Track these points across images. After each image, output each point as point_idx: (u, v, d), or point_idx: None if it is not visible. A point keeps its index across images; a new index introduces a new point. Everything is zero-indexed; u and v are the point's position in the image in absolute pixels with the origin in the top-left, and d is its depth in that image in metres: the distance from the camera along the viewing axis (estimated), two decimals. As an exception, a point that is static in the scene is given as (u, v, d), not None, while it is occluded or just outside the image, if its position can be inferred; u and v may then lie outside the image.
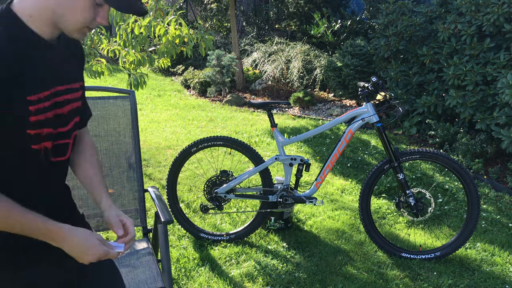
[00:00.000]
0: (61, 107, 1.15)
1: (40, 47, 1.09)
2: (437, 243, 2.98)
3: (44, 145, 1.13)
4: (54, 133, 1.14)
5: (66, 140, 1.20)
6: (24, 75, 1.04)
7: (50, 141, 1.14)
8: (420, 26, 4.99)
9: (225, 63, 7.21)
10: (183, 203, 3.49)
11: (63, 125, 1.17)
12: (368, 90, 2.75)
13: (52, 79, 1.12)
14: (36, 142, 1.10)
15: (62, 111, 1.16)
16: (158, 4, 3.66)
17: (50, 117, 1.11)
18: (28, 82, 1.05)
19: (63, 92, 1.16)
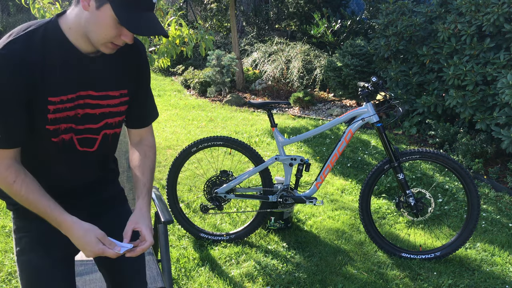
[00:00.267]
0: (89, 108, 1.30)
1: (72, 56, 1.22)
2: (437, 243, 2.98)
3: (62, 137, 1.28)
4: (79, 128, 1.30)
5: (93, 135, 1.35)
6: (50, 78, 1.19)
7: (71, 133, 1.29)
8: (420, 26, 4.99)
9: (225, 63, 7.22)
10: (183, 203, 3.49)
11: (93, 123, 1.32)
12: (368, 90, 2.75)
13: (80, 85, 1.26)
14: (54, 135, 1.26)
15: (92, 112, 1.31)
16: (158, 4, 3.65)
17: (71, 115, 1.27)
18: (52, 85, 1.20)
19: (96, 97, 1.30)
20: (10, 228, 3.06)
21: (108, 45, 1.21)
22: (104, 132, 1.37)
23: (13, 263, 2.64)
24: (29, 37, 1.17)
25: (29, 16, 14.04)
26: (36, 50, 1.17)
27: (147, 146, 1.52)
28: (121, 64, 1.34)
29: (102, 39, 1.19)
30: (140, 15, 1.15)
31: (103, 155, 1.45)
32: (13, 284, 2.46)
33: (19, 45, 1.15)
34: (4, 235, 2.97)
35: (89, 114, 1.31)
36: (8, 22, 13.78)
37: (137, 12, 1.15)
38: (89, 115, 1.31)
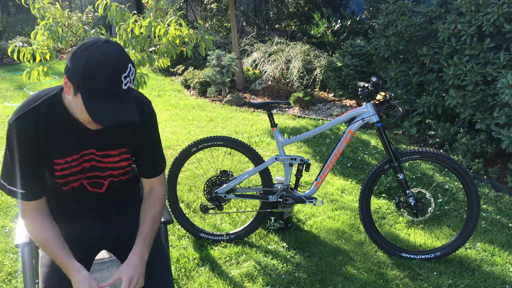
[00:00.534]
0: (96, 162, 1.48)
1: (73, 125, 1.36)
2: (437, 243, 2.98)
3: (72, 185, 1.48)
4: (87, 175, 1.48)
5: (101, 180, 1.52)
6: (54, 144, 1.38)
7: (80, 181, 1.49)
8: (420, 26, 4.99)
9: (225, 63, 7.21)
10: (183, 203, 3.49)
11: (100, 171, 1.50)
12: (368, 90, 2.75)
13: (82, 147, 1.43)
14: (64, 186, 1.46)
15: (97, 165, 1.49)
16: (158, 4, 3.66)
17: (79, 170, 1.46)
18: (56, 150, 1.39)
19: (98, 155, 1.47)
20: (10, 228, 3.06)
21: (90, 125, 1.34)
22: (110, 179, 1.54)
23: (13, 263, 2.65)
24: (36, 113, 1.35)
25: (29, 16, 14.04)
26: (41, 123, 1.35)
27: (155, 197, 1.62)
28: (122, 128, 1.40)
29: (83, 120, 1.32)
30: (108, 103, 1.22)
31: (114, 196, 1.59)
32: (13, 284, 2.46)
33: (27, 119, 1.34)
34: (4, 235, 2.97)
35: (95, 165, 1.49)
36: (8, 22, 13.79)
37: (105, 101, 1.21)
38: (95, 166, 1.49)
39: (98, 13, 9.38)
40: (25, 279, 1.74)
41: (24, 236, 1.77)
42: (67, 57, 12.65)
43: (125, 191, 1.65)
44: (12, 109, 6.42)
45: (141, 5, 11.00)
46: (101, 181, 1.52)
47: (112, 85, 1.22)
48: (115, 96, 1.23)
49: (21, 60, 3.56)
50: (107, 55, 1.21)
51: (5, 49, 10.69)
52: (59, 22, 3.67)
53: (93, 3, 13.56)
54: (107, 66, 1.20)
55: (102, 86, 1.21)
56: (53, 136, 1.38)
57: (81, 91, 1.23)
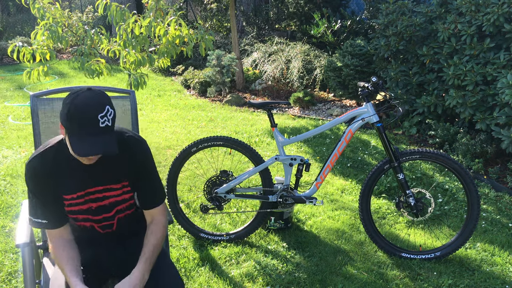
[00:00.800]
0: (99, 201, 1.66)
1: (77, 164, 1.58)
2: (437, 243, 2.98)
3: (83, 224, 1.68)
4: (96, 218, 1.67)
5: (110, 221, 1.70)
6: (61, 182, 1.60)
7: (90, 222, 1.68)
8: (420, 26, 4.99)
9: (225, 63, 7.21)
10: (183, 203, 3.49)
11: (107, 212, 1.68)
12: (368, 90, 2.75)
13: (86, 184, 1.62)
14: (76, 221, 1.67)
15: (102, 204, 1.66)
16: (158, 4, 3.66)
17: (84, 208, 1.64)
18: (63, 186, 1.60)
19: (101, 191, 1.65)
20: (10, 228, 3.06)
21: (83, 159, 1.55)
22: (118, 217, 1.71)
23: (13, 263, 2.65)
24: (44, 156, 1.60)
25: (29, 16, 14.03)
26: (48, 164, 1.59)
27: (156, 225, 1.75)
28: (120, 163, 1.65)
29: (75, 155, 1.50)
30: (86, 140, 1.45)
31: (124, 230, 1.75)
32: (13, 284, 2.47)
33: (36, 164, 1.59)
34: (4, 235, 2.97)
35: (101, 206, 1.66)
36: (8, 22, 13.78)
37: (85, 137, 1.45)
38: (101, 207, 1.67)
39: (98, 13, 9.38)
40: (25, 279, 1.74)
41: (24, 236, 1.77)
42: (67, 57, 12.62)
43: (136, 224, 1.80)
44: (12, 109, 6.42)
45: (141, 5, 11.00)
46: (110, 222, 1.71)
47: (90, 124, 1.44)
48: (93, 133, 1.45)
49: (21, 60, 3.55)
50: (86, 99, 1.45)
51: (5, 49, 10.69)
52: (59, 22, 3.67)
53: (93, 3, 13.55)
54: (84, 109, 1.44)
55: (82, 125, 1.44)
56: (60, 174, 1.60)
57: (67, 131, 1.48)
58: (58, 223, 1.64)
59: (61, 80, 8.71)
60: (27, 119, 5.89)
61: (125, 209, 1.72)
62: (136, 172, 1.69)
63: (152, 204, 1.75)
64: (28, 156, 4.44)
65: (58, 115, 2.21)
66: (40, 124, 2.16)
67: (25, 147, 4.72)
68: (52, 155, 1.60)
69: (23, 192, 3.64)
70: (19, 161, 4.30)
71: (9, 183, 3.79)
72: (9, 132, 5.26)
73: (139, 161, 1.69)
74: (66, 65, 10.46)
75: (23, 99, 7.15)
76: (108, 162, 1.62)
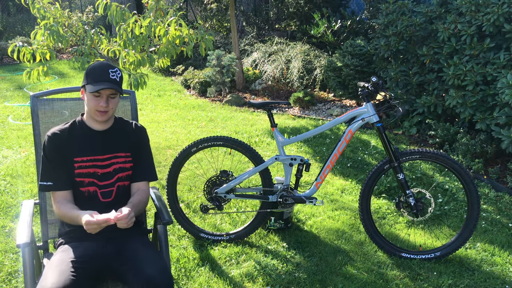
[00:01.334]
0: (105, 168, 1.92)
1: (88, 132, 1.93)
2: (437, 243, 2.98)
3: (87, 189, 1.90)
4: (98, 184, 1.90)
5: (110, 188, 1.93)
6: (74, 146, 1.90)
7: (95, 187, 1.90)
8: (420, 26, 4.99)
9: (225, 63, 7.21)
10: (183, 203, 3.49)
11: (109, 178, 1.92)
12: (368, 90, 2.75)
13: (96, 151, 1.91)
14: (82, 186, 1.89)
15: (107, 170, 1.92)
16: (158, 4, 3.66)
17: (91, 172, 1.89)
18: (75, 151, 1.89)
19: (108, 158, 1.93)
20: (10, 228, 3.07)
21: (97, 113, 1.88)
22: (118, 184, 1.94)
23: (13, 263, 2.65)
24: (62, 126, 1.94)
25: (29, 16, 14.03)
26: (65, 132, 1.92)
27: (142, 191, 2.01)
28: (126, 139, 2.00)
29: (91, 110, 1.89)
30: (99, 84, 1.84)
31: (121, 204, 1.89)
32: (13, 284, 2.47)
33: (56, 130, 1.92)
34: (4, 235, 2.97)
35: (105, 173, 1.91)
36: (8, 22, 13.78)
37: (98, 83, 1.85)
38: (106, 173, 1.92)
39: (98, 13, 9.36)
40: (26, 279, 1.74)
41: (25, 237, 1.77)
42: (67, 57, 12.60)
43: (127, 193, 1.99)
44: (12, 109, 6.42)
45: (141, 5, 11.00)
46: (111, 189, 1.92)
47: (102, 74, 1.85)
48: (104, 80, 1.85)
49: (21, 60, 3.56)
50: (100, 62, 1.90)
51: (5, 49, 10.69)
52: (59, 22, 3.67)
53: (93, 3, 13.56)
54: (98, 65, 1.88)
55: (96, 74, 1.85)
56: (74, 142, 1.90)
57: (85, 87, 1.88)
58: (64, 186, 1.88)
59: (61, 80, 8.71)
60: (27, 119, 5.89)
61: (124, 178, 1.96)
62: (137, 147, 2.01)
63: (143, 178, 2.01)
64: (28, 156, 4.44)
65: (58, 115, 2.21)
66: (40, 124, 2.16)
67: (25, 147, 4.72)
68: (69, 127, 1.93)
69: (23, 192, 3.64)
70: (19, 161, 4.30)
71: (9, 183, 3.79)
72: (9, 132, 5.26)
73: (139, 138, 2.03)
74: (66, 65, 10.46)
75: (23, 99, 7.15)
76: (115, 134, 1.96)
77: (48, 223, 2.18)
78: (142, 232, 2.09)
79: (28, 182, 3.82)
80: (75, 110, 2.24)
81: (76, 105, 2.26)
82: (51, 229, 2.19)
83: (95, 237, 1.80)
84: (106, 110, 1.88)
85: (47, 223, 2.18)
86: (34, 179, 3.85)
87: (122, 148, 1.96)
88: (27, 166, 4.17)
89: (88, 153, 1.90)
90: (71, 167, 1.88)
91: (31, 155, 4.43)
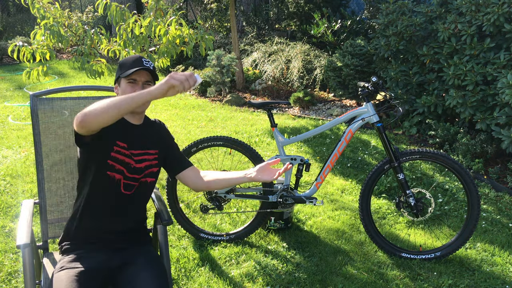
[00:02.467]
0: (139, 163, 1.86)
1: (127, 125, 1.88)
2: (437, 243, 2.98)
3: (114, 175, 1.81)
4: (126, 174, 1.83)
5: (134, 182, 1.86)
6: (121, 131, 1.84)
7: (121, 176, 1.82)
8: (420, 26, 4.99)
9: (225, 63, 7.21)
10: (183, 203, 3.49)
11: (137, 173, 1.86)
12: (368, 90, 2.75)
13: (133, 145, 1.86)
14: (110, 170, 1.80)
15: (138, 166, 1.86)
16: (158, 4, 3.65)
17: (126, 161, 1.83)
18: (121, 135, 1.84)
19: (141, 154, 1.88)
20: (10, 228, 3.06)
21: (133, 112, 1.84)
22: (141, 180, 1.88)
23: (13, 263, 2.65)
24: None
25: (29, 16, 14.04)
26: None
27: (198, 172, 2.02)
28: (155, 135, 1.97)
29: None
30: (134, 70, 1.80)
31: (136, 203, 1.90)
32: (13, 284, 2.46)
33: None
34: (4, 235, 2.97)
35: (137, 168, 1.86)
36: (8, 22, 13.78)
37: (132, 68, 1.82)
38: (137, 168, 1.86)
39: (98, 13, 9.36)
40: (26, 279, 1.74)
41: (25, 237, 1.77)
42: (67, 57, 12.60)
43: (145, 198, 1.96)
44: (12, 109, 6.42)
45: (141, 5, 10.99)
46: (134, 183, 1.86)
47: (135, 62, 1.83)
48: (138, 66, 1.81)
49: (21, 59, 3.55)
50: (132, 55, 1.88)
51: (5, 49, 10.69)
52: (60, 22, 3.67)
53: (93, 3, 13.55)
54: (131, 57, 1.86)
55: (130, 63, 1.83)
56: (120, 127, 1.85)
57: (119, 76, 1.84)
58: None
59: (61, 80, 8.70)
60: (27, 119, 5.89)
61: (149, 175, 1.91)
62: (165, 143, 2.00)
63: (185, 164, 2.02)
64: (28, 156, 4.44)
65: (58, 115, 2.21)
66: (40, 124, 2.16)
67: (25, 147, 4.72)
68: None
69: (23, 192, 3.64)
70: (19, 161, 4.30)
71: (9, 183, 3.79)
72: (9, 132, 5.26)
73: (166, 133, 2.03)
74: (66, 65, 10.46)
75: (23, 99, 7.15)
76: (147, 130, 1.94)
77: (48, 223, 2.18)
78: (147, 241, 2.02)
79: (28, 182, 3.82)
80: (75, 110, 2.24)
81: (76, 104, 2.26)
82: (51, 228, 2.19)
83: (103, 246, 1.80)
84: None
85: (47, 222, 2.18)
86: (34, 179, 3.85)
87: (152, 145, 1.94)
88: (27, 166, 4.17)
89: (128, 143, 1.85)
90: (109, 147, 1.80)
91: (31, 155, 4.43)
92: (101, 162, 1.79)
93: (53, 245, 2.82)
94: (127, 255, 1.83)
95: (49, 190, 2.15)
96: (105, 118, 1.54)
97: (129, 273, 1.76)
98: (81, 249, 1.80)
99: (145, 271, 1.76)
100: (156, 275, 1.77)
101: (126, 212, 1.88)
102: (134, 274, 1.75)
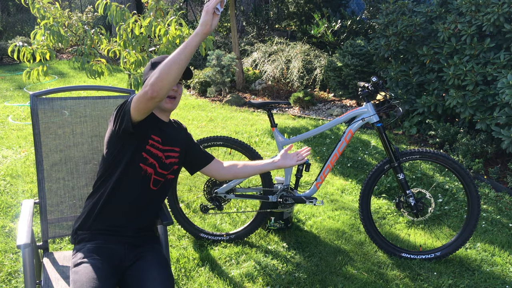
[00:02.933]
0: (168, 158, 1.93)
1: (158, 121, 1.95)
2: (437, 243, 2.98)
3: (146, 168, 1.86)
4: (157, 169, 1.88)
5: (161, 178, 1.92)
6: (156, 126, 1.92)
7: (152, 170, 1.87)
8: (420, 26, 4.99)
9: (225, 63, 7.21)
10: (183, 203, 3.49)
11: (165, 169, 1.92)
12: (368, 90, 2.75)
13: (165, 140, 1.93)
14: (143, 163, 1.85)
15: (165, 161, 1.92)
16: (158, 4, 3.65)
17: (159, 155, 1.89)
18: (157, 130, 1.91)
19: (168, 150, 1.94)
20: (10, 228, 3.06)
21: (166, 99, 1.90)
22: (167, 176, 1.95)
23: (13, 263, 2.65)
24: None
25: (29, 16, 14.03)
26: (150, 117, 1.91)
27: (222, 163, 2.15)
28: (178, 134, 2.05)
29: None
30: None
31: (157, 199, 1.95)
32: (13, 284, 2.46)
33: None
34: (4, 235, 2.97)
35: (166, 163, 1.93)
36: (8, 22, 13.78)
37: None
38: (166, 164, 1.93)
39: (98, 13, 9.37)
40: (26, 279, 1.74)
41: (25, 237, 1.77)
42: (67, 57, 12.59)
43: (165, 196, 2.02)
44: (12, 109, 6.42)
45: (141, 5, 10.99)
46: (162, 179, 1.92)
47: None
48: None
49: (21, 59, 3.56)
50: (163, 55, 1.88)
51: (5, 49, 10.69)
52: (60, 22, 3.67)
53: (93, 3, 13.55)
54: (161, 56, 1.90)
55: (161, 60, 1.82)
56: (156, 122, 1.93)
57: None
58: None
59: (61, 80, 8.71)
60: (27, 119, 5.89)
61: (172, 172, 1.98)
62: (186, 140, 2.09)
63: (209, 158, 2.13)
64: (28, 156, 4.44)
65: (58, 114, 2.21)
66: (40, 124, 2.16)
67: (25, 147, 4.72)
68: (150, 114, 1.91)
69: (23, 192, 3.64)
70: (19, 161, 4.30)
71: (9, 183, 3.79)
72: (9, 132, 5.26)
73: (185, 133, 2.11)
74: (66, 65, 10.46)
75: (23, 99, 7.15)
76: (174, 128, 2.02)
77: (48, 223, 2.18)
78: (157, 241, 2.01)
79: (28, 182, 3.82)
80: (75, 110, 2.24)
81: (76, 104, 2.26)
82: (51, 228, 2.19)
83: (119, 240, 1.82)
84: (175, 95, 1.91)
85: (47, 222, 2.18)
86: (34, 179, 3.85)
87: (176, 143, 2.00)
88: (27, 166, 4.17)
89: (162, 138, 1.91)
90: (146, 140, 1.85)
91: (31, 155, 4.43)
92: (136, 154, 1.83)
93: (53, 245, 2.82)
94: (140, 254, 1.84)
95: (49, 190, 2.15)
96: (170, 78, 1.56)
97: (138, 268, 1.77)
98: (98, 239, 1.82)
99: (155, 271, 1.77)
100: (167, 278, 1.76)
101: (147, 208, 1.91)
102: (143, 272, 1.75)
